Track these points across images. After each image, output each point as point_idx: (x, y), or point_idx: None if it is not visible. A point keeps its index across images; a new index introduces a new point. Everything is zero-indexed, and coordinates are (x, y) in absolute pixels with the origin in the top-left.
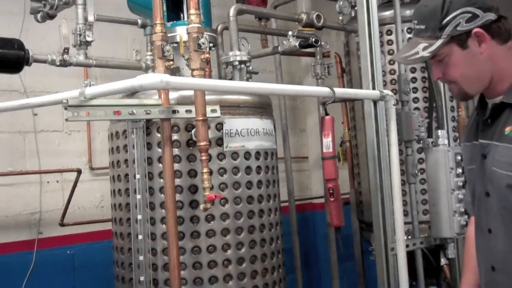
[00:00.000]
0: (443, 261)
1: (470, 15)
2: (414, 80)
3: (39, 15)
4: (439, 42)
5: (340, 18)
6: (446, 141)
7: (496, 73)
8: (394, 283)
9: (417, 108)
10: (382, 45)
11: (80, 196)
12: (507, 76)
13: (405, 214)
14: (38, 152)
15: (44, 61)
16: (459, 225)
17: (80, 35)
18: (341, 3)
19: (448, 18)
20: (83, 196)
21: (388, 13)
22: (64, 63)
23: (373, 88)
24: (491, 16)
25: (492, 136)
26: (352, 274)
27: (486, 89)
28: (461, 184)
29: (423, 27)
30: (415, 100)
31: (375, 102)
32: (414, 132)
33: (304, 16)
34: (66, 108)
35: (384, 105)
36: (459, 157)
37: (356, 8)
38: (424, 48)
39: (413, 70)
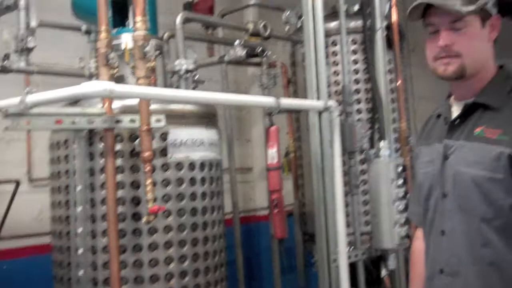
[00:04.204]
0: (384, 272)
1: (493, 1)
2: (357, 91)
3: None
4: (473, 7)
5: (287, 28)
6: (387, 152)
7: (486, 66)
8: None
9: (360, 119)
10: (327, 56)
11: (18, 209)
12: (486, 76)
13: (348, 225)
14: None
15: None
16: (400, 236)
17: (22, 40)
18: (287, 13)
19: None
20: (21, 208)
21: (333, 25)
22: (5, 70)
23: (318, 99)
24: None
25: (459, 137)
26: (295, 286)
27: (467, 82)
28: (401, 195)
29: None
30: (359, 111)
31: (319, 113)
32: (357, 143)
33: (251, 26)
34: (5, 117)
35: (328, 116)
36: (400, 168)
37: (302, 19)
38: (461, 5)
39: (357, 82)
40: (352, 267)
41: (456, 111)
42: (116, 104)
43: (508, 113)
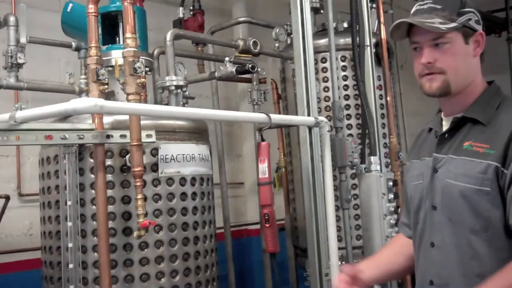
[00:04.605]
0: (376, 286)
1: (477, 18)
2: (347, 107)
3: None
4: (454, 24)
5: (276, 45)
6: (378, 167)
7: (473, 82)
8: None
9: (350, 135)
10: (317, 72)
11: (8, 224)
12: (474, 92)
13: (339, 239)
14: None
15: None
16: None
17: (11, 57)
18: (277, 30)
19: (466, 9)
20: (11, 223)
21: (323, 41)
22: None
23: (308, 115)
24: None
25: (448, 150)
26: None
27: (455, 97)
28: (393, 209)
29: (439, 7)
30: (349, 126)
31: (310, 128)
32: (347, 158)
33: (241, 42)
34: None
35: (319, 131)
36: (391, 183)
37: (292, 35)
38: (440, 23)
39: (347, 98)
40: None
41: (446, 125)
42: (107, 119)
43: (496, 128)
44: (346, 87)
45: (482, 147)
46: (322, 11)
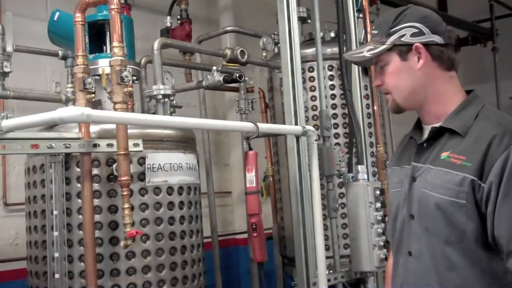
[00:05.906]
0: None
1: (416, 30)
2: (335, 116)
3: None
4: (382, 47)
5: (264, 54)
6: (365, 176)
7: (432, 93)
8: None
9: (337, 144)
10: (304, 82)
11: None
12: (445, 102)
13: (327, 248)
14: None
15: None
16: (379, 259)
17: None
18: (264, 39)
19: (396, 28)
20: None
21: (310, 51)
22: None
23: (296, 124)
24: (437, 39)
25: (426, 160)
26: None
27: (422, 110)
28: (380, 218)
29: (375, 32)
30: (336, 135)
31: (297, 137)
32: (335, 167)
33: (228, 52)
34: None
35: (306, 140)
36: (378, 192)
37: (279, 45)
38: (369, 50)
39: (334, 107)
40: None
41: (425, 134)
42: (94, 128)
43: (472, 139)
44: (333, 96)
45: (459, 158)
46: (309, 21)
